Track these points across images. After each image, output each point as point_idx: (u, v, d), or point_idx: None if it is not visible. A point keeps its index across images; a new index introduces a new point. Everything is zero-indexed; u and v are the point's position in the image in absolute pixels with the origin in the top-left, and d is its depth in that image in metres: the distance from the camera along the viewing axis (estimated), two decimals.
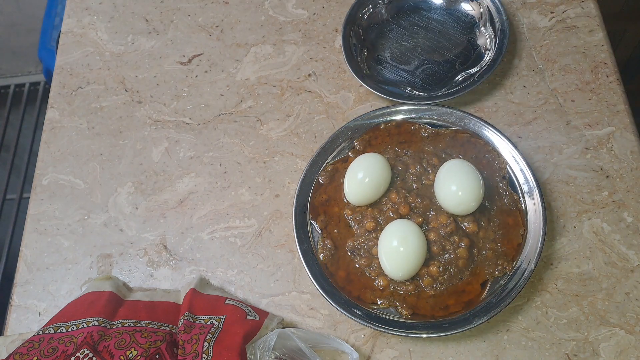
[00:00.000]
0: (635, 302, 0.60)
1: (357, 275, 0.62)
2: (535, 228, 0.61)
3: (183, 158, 0.73)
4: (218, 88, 0.78)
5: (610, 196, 0.66)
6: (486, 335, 0.60)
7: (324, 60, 0.78)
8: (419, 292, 0.60)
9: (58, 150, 0.76)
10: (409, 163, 0.66)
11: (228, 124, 0.75)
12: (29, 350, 0.55)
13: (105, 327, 0.57)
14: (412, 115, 0.69)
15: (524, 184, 0.64)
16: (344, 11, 0.79)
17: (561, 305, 0.61)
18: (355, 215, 0.64)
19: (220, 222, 0.69)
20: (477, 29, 0.75)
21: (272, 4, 0.83)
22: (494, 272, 0.60)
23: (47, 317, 0.63)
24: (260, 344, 0.55)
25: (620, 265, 0.62)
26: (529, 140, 0.70)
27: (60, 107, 0.79)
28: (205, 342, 0.54)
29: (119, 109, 0.78)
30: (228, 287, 0.65)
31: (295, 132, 0.74)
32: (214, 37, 0.82)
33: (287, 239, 0.67)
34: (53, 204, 0.72)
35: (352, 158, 0.67)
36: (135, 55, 0.81)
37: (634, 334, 0.59)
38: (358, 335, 0.61)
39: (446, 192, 0.62)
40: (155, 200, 0.71)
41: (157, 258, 0.68)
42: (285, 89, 0.77)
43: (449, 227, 0.61)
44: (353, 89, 0.75)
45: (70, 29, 0.85)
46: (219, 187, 0.71)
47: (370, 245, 0.62)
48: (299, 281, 0.65)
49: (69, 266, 0.68)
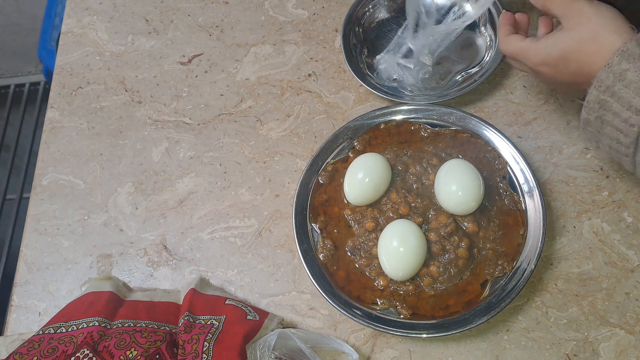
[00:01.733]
0: (635, 302, 0.60)
1: (357, 275, 0.62)
2: (535, 228, 0.61)
3: (183, 158, 0.73)
4: (218, 88, 0.78)
5: (610, 196, 0.66)
6: (486, 335, 0.60)
7: (324, 60, 0.78)
8: (419, 292, 0.60)
9: (58, 150, 0.76)
10: (409, 163, 0.66)
11: (228, 124, 0.75)
12: (29, 350, 0.55)
13: (105, 327, 0.57)
14: (412, 115, 0.69)
15: (524, 184, 0.64)
16: (344, 11, 0.79)
17: (561, 305, 0.61)
18: (355, 215, 0.64)
19: (220, 222, 0.69)
20: (477, 29, 0.75)
21: (272, 4, 0.83)
22: (494, 272, 0.60)
23: (47, 317, 0.63)
24: (260, 344, 0.55)
25: (620, 265, 0.62)
26: (529, 140, 0.70)
27: (60, 107, 0.79)
28: (205, 342, 0.54)
29: (119, 109, 0.78)
30: (228, 287, 0.65)
31: (295, 132, 0.74)
32: (214, 37, 0.82)
33: (287, 239, 0.67)
34: (53, 204, 0.72)
35: (352, 158, 0.67)
36: (135, 55, 0.81)
37: (634, 334, 0.59)
38: (358, 335, 0.61)
39: (446, 192, 0.62)
40: (155, 200, 0.71)
41: (157, 258, 0.68)
42: (285, 89, 0.77)
43: (449, 227, 0.61)
44: (353, 89, 0.75)
45: (70, 29, 0.85)
46: (219, 187, 0.71)
47: (370, 245, 0.62)
48: (299, 281, 0.65)
49: (69, 266, 0.68)
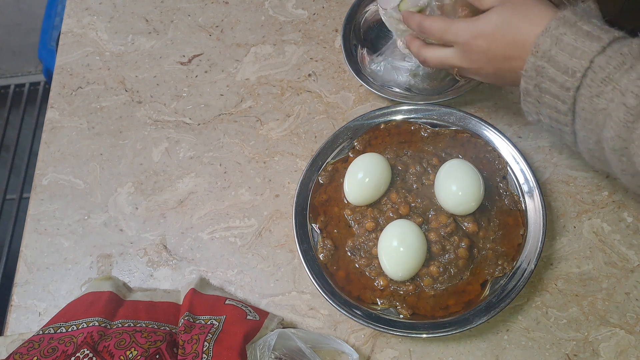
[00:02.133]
0: (635, 302, 0.60)
1: (357, 275, 0.62)
2: (535, 228, 0.61)
3: (183, 158, 0.73)
4: (218, 88, 0.78)
5: (610, 196, 0.66)
6: (486, 335, 0.60)
7: (324, 60, 0.78)
8: (419, 292, 0.60)
9: (58, 150, 0.76)
10: (409, 163, 0.66)
11: (228, 124, 0.75)
12: (29, 350, 0.55)
13: (105, 327, 0.57)
14: (412, 115, 0.69)
15: (524, 184, 0.64)
16: (344, 11, 0.79)
17: (561, 305, 0.61)
18: (355, 215, 0.64)
19: (220, 222, 0.69)
20: None
21: (272, 4, 0.83)
22: (494, 272, 0.60)
23: (47, 317, 0.63)
24: (260, 344, 0.55)
25: (620, 265, 0.62)
26: (529, 140, 0.70)
27: (60, 107, 0.79)
28: (205, 342, 0.54)
29: (119, 109, 0.78)
30: (228, 287, 0.65)
31: (295, 132, 0.74)
32: (214, 37, 0.82)
33: (287, 239, 0.67)
34: (53, 204, 0.72)
35: (352, 158, 0.67)
36: (135, 55, 0.81)
37: (634, 334, 0.59)
38: (358, 335, 0.61)
39: (446, 192, 0.62)
40: (155, 200, 0.71)
41: (157, 258, 0.68)
42: (285, 89, 0.77)
43: (449, 227, 0.61)
44: (353, 89, 0.75)
45: (70, 29, 0.85)
46: (219, 187, 0.71)
47: (370, 245, 0.62)
48: (299, 281, 0.65)
49: (69, 266, 0.68)
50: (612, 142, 0.48)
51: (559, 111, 0.52)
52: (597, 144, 0.51)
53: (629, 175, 0.50)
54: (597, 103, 0.48)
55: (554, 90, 0.51)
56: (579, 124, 0.51)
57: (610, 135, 0.48)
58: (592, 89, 0.48)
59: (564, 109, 0.51)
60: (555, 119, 0.53)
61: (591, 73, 0.48)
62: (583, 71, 0.48)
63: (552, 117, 0.53)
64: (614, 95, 0.47)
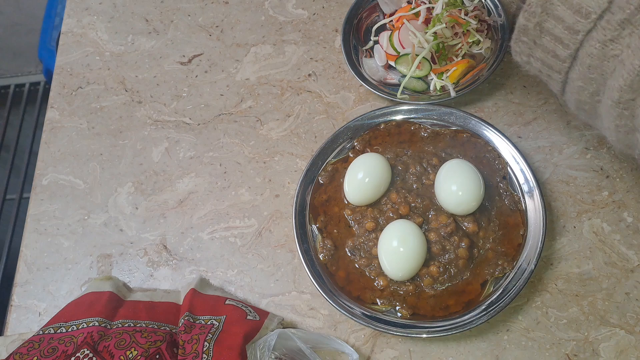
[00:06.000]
0: (635, 302, 0.60)
1: (357, 275, 0.62)
2: (535, 228, 0.61)
3: (183, 158, 0.73)
4: (218, 88, 0.78)
5: (610, 196, 0.66)
6: (486, 335, 0.60)
7: (324, 60, 0.78)
8: (419, 292, 0.60)
9: (58, 150, 0.76)
10: (409, 163, 0.66)
11: (228, 124, 0.75)
12: (29, 350, 0.55)
13: (105, 327, 0.57)
14: (412, 115, 0.69)
15: (524, 184, 0.64)
16: (344, 11, 0.79)
17: (561, 305, 0.61)
18: (355, 215, 0.64)
19: (220, 222, 0.69)
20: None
21: (272, 4, 0.83)
22: (494, 272, 0.60)
23: (47, 317, 0.63)
24: (260, 344, 0.55)
25: (620, 265, 0.62)
26: (529, 140, 0.70)
27: (60, 107, 0.79)
28: (205, 342, 0.54)
29: (119, 109, 0.78)
30: (228, 287, 0.65)
31: (295, 132, 0.74)
32: (214, 37, 0.82)
33: (287, 239, 0.67)
34: (53, 204, 0.72)
35: (352, 158, 0.67)
36: (135, 55, 0.81)
37: (634, 334, 0.59)
38: (358, 336, 0.61)
39: (446, 192, 0.62)
40: (155, 200, 0.71)
41: (157, 258, 0.68)
42: (285, 89, 0.77)
43: (449, 227, 0.61)
44: (353, 89, 0.75)
45: (70, 29, 0.85)
46: (219, 187, 0.71)
47: (370, 246, 0.62)
48: (299, 281, 0.65)
49: (69, 266, 0.68)
50: (618, 93, 0.43)
51: (556, 56, 0.47)
52: (592, 96, 0.46)
53: (622, 132, 0.45)
54: (609, 49, 0.43)
55: (557, 32, 0.45)
56: (577, 72, 0.46)
57: (619, 85, 0.43)
58: (607, 32, 0.43)
59: (564, 54, 0.46)
60: (547, 65, 0.48)
61: (608, 14, 0.42)
62: (600, 12, 0.43)
63: (545, 61, 0.48)
64: (632, 40, 0.42)
